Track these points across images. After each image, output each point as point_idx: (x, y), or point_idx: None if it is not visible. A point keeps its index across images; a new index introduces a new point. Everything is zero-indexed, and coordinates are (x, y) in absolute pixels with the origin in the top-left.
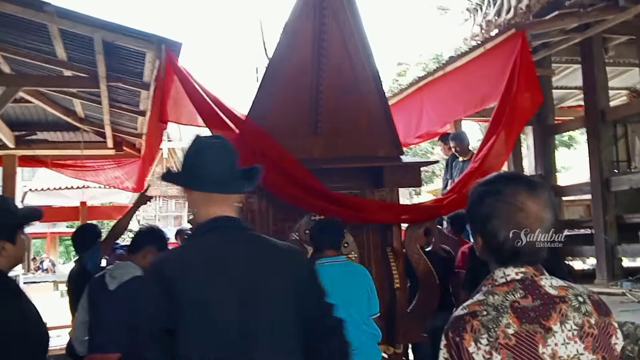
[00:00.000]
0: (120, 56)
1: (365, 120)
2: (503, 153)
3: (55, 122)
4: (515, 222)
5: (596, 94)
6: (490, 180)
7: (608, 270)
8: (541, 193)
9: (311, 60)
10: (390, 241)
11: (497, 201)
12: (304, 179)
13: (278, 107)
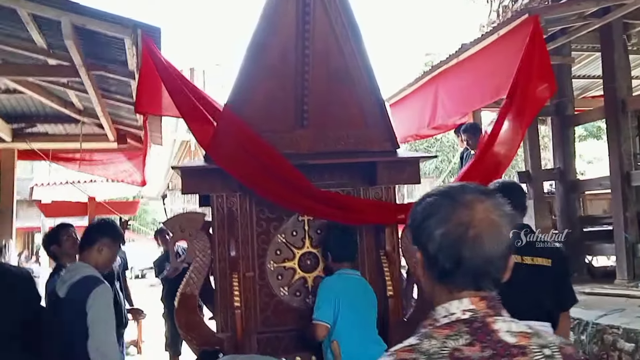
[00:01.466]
0: (100, 43)
1: (356, 111)
2: (511, 143)
3: (55, 114)
4: (457, 220)
5: (616, 83)
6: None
7: (628, 270)
8: (493, 196)
9: (295, 44)
10: (383, 244)
11: (437, 198)
12: (289, 176)
13: (259, 97)
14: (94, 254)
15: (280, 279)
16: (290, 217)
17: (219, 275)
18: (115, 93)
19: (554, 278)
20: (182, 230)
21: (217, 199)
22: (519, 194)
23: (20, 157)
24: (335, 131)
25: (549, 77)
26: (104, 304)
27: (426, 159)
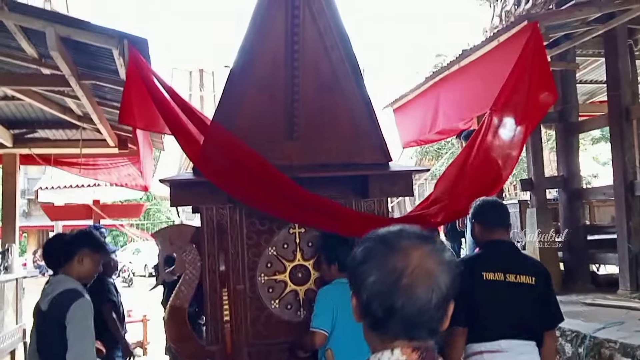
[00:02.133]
0: (91, 52)
1: (347, 122)
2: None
3: (55, 120)
4: (391, 267)
5: (620, 91)
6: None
7: (631, 281)
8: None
9: (284, 54)
10: None
11: (374, 244)
12: (282, 186)
13: (249, 110)
14: (75, 266)
15: (271, 291)
16: (281, 229)
17: (208, 288)
18: (112, 100)
19: (539, 296)
20: (171, 243)
21: (206, 211)
22: (505, 211)
23: (22, 162)
24: (326, 143)
25: (550, 84)
26: (82, 318)
27: (419, 172)
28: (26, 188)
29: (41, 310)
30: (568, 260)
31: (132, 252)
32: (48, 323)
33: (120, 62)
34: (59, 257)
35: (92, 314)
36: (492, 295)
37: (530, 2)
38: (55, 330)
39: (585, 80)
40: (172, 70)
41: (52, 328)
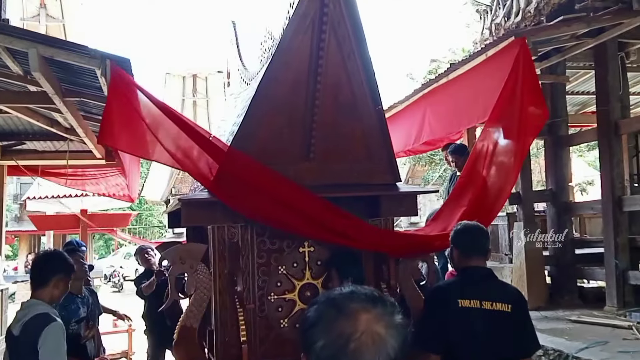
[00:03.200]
0: (74, 70)
1: (361, 144)
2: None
3: (43, 132)
4: (338, 332)
5: (610, 105)
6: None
7: (618, 297)
8: (381, 306)
9: (307, 79)
10: (385, 275)
11: (323, 307)
12: (302, 202)
13: (267, 130)
14: (50, 291)
15: (280, 310)
16: (291, 248)
17: (219, 308)
18: (97, 115)
19: (515, 324)
20: (182, 262)
21: (217, 230)
22: (483, 237)
23: (10, 173)
24: (339, 164)
25: (540, 101)
26: (54, 342)
27: (425, 193)
28: (18, 192)
29: (13, 335)
30: (555, 274)
31: (123, 256)
32: (21, 348)
33: (103, 81)
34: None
35: (64, 337)
36: (467, 323)
37: (519, 15)
38: (29, 355)
39: (577, 92)
40: (166, 75)
41: (25, 353)
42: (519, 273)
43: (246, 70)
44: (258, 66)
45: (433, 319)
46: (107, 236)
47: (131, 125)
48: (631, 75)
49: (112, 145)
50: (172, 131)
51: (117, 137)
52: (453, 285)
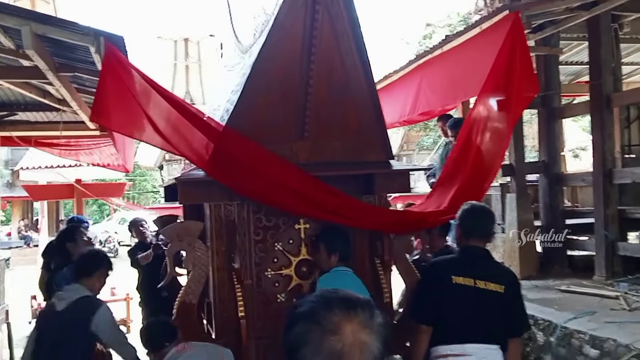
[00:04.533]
0: (67, 46)
1: (354, 122)
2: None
3: (35, 102)
4: (329, 350)
5: (602, 79)
6: (307, 301)
7: (607, 267)
8: (361, 312)
9: (300, 57)
10: (380, 252)
11: (307, 323)
12: (296, 181)
13: (261, 109)
14: (93, 282)
15: (277, 285)
16: (287, 225)
17: (217, 284)
18: (90, 87)
19: (506, 305)
20: (180, 240)
21: (214, 208)
22: (488, 220)
23: (2, 143)
24: (332, 142)
25: (531, 75)
26: (112, 321)
27: (418, 170)
28: (10, 158)
29: (56, 309)
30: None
31: (118, 221)
32: (68, 323)
33: (97, 58)
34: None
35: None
36: (460, 299)
37: None
38: (76, 329)
39: (570, 62)
40: (157, 39)
41: (71, 327)
42: (511, 244)
43: (239, 43)
44: (251, 40)
45: (427, 293)
46: (101, 201)
47: (125, 105)
48: (624, 47)
49: (105, 124)
50: (166, 111)
51: (111, 116)
52: (449, 262)
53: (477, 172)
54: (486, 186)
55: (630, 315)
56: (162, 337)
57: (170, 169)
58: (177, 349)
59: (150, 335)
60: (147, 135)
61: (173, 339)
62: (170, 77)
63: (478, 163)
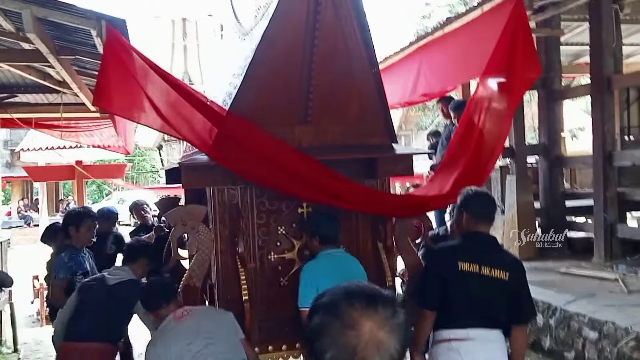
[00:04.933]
0: (68, 29)
1: (357, 105)
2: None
3: (35, 84)
4: (344, 344)
5: (603, 60)
6: (330, 292)
7: (606, 250)
8: (382, 309)
9: (303, 41)
10: (382, 236)
11: (327, 315)
12: (299, 166)
13: (265, 93)
14: (135, 267)
15: (280, 269)
16: (290, 209)
17: (221, 268)
18: (91, 69)
19: (510, 292)
20: (184, 224)
21: (217, 192)
22: (493, 205)
23: (3, 125)
24: (335, 125)
25: (533, 57)
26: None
27: (421, 154)
28: (9, 139)
29: (107, 283)
30: (545, 226)
31: (117, 201)
32: (116, 297)
33: (99, 41)
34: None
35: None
36: (465, 285)
37: None
38: (121, 304)
39: (571, 43)
40: (155, 19)
41: (118, 301)
42: (510, 225)
43: (240, 25)
44: (252, 22)
45: (432, 278)
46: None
47: (127, 89)
48: (625, 27)
49: (107, 108)
50: (169, 95)
51: (112, 99)
52: (455, 248)
53: (480, 154)
54: (489, 169)
55: (629, 298)
56: (160, 298)
57: (169, 149)
58: (175, 316)
59: (147, 295)
60: (149, 119)
61: (171, 299)
62: (168, 58)
63: (481, 146)
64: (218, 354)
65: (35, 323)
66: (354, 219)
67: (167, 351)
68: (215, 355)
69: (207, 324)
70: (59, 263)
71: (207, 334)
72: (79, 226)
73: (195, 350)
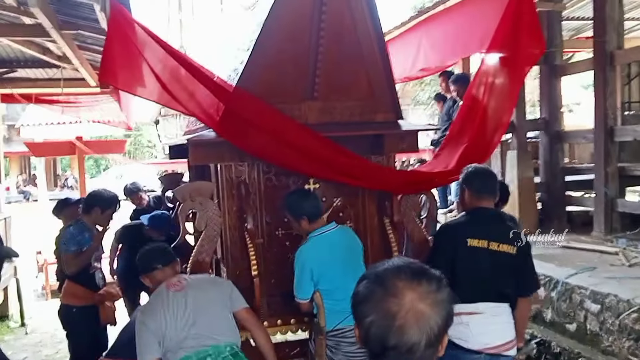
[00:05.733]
0: (71, 3)
1: (364, 82)
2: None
3: (35, 59)
4: (385, 310)
5: (607, 35)
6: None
7: (606, 224)
8: (426, 283)
9: (311, 16)
10: (389, 212)
11: (373, 283)
12: (306, 142)
13: (272, 70)
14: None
15: (288, 244)
16: (297, 185)
17: (229, 244)
18: (92, 44)
19: (518, 266)
20: (192, 200)
21: (225, 168)
22: (495, 180)
23: (3, 100)
24: (342, 102)
25: (538, 32)
26: None
27: (427, 130)
28: (5, 114)
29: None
30: (546, 200)
31: (115, 177)
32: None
33: (102, 16)
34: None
35: None
36: (474, 261)
37: None
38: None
39: (572, 17)
40: None
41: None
42: (511, 200)
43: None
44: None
45: (441, 255)
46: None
47: (132, 64)
48: (627, 1)
49: (112, 83)
50: (175, 71)
51: (118, 75)
52: (463, 225)
53: (485, 131)
54: (494, 145)
55: (630, 271)
56: (153, 260)
57: (166, 124)
58: (168, 284)
59: (140, 257)
60: (155, 95)
61: (166, 262)
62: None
63: (485, 122)
64: (199, 336)
65: (40, 297)
66: (360, 195)
67: (155, 323)
68: (197, 339)
69: (198, 299)
70: (69, 236)
71: (195, 309)
72: (105, 209)
73: (180, 327)
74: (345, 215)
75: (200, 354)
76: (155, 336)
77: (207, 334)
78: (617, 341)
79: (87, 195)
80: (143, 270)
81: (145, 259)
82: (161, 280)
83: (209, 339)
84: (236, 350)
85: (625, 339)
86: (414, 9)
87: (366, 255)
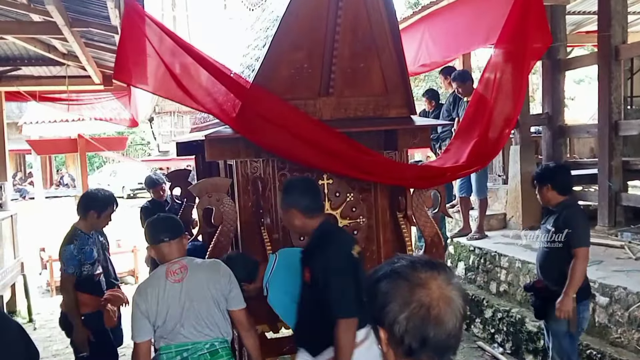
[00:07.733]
0: (83, 0)
1: (378, 78)
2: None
3: (40, 57)
4: (417, 302)
5: (611, 29)
6: (388, 264)
7: (610, 217)
8: (442, 272)
9: (327, 13)
10: (402, 206)
11: (393, 281)
12: (321, 137)
13: (289, 66)
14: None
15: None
16: None
17: (245, 239)
18: (99, 42)
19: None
20: (209, 196)
21: (240, 164)
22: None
23: (7, 98)
24: (356, 97)
25: (544, 26)
26: None
27: (441, 125)
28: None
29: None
30: None
31: (109, 174)
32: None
33: (115, 13)
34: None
35: None
36: None
37: None
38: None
39: (574, 12)
40: None
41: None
42: (514, 194)
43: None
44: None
45: None
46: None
47: (147, 62)
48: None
49: (126, 80)
50: (191, 67)
51: (132, 72)
52: None
53: (494, 125)
54: (504, 138)
55: (637, 264)
56: (161, 231)
57: (160, 121)
58: (168, 271)
59: (149, 227)
60: (170, 92)
61: (173, 236)
62: None
63: (495, 117)
64: (184, 330)
65: (45, 294)
66: (372, 190)
67: (145, 304)
68: (181, 333)
69: (192, 294)
70: (69, 255)
71: (187, 305)
72: (101, 212)
73: (168, 318)
74: (358, 210)
75: (180, 347)
76: (146, 317)
77: (192, 330)
78: (627, 333)
79: (80, 198)
80: (150, 240)
81: (153, 229)
82: (166, 255)
83: (193, 335)
84: (217, 347)
85: (634, 331)
86: (408, 4)
87: (378, 250)
